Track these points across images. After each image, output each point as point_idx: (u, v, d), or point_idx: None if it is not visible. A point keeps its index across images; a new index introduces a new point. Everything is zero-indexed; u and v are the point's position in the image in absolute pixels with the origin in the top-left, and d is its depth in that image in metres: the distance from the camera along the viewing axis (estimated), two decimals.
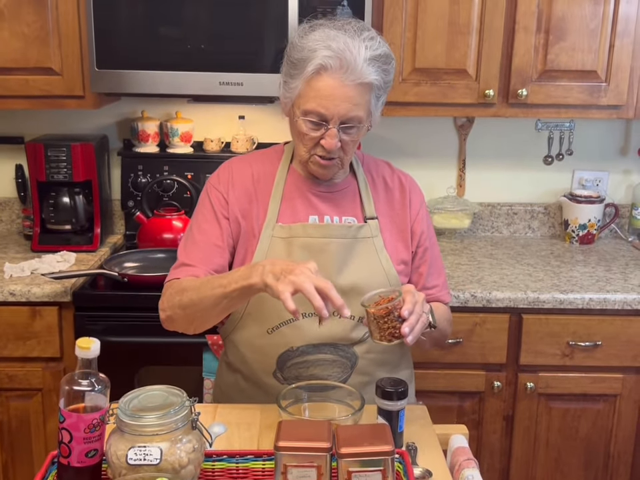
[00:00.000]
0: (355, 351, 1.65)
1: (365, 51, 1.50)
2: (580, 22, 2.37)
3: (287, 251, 1.62)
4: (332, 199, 1.68)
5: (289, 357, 1.63)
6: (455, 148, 2.86)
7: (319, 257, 1.59)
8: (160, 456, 1.15)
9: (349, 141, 1.57)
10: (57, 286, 2.23)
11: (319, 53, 1.49)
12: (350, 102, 1.51)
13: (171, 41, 2.34)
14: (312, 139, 1.57)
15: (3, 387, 2.28)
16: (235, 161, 1.74)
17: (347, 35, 1.50)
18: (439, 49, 2.38)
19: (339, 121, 1.53)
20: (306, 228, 1.64)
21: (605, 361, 2.30)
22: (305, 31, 1.56)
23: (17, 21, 2.33)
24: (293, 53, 1.55)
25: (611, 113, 2.49)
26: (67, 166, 2.52)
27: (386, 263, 1.66)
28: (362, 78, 1.50)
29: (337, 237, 1.63)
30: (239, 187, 1.67)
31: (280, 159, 1.71)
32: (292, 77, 1.55)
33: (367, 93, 1.54)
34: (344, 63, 1.49)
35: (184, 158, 2.73)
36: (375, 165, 1.77)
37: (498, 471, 2.40)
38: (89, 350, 1.17)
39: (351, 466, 1.19)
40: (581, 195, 2.79)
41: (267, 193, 1.67)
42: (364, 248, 1.65)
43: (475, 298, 2.25)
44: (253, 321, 1.65)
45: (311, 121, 1.54)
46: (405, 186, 1.75)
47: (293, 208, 1.66)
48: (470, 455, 1.42)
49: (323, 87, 1.51)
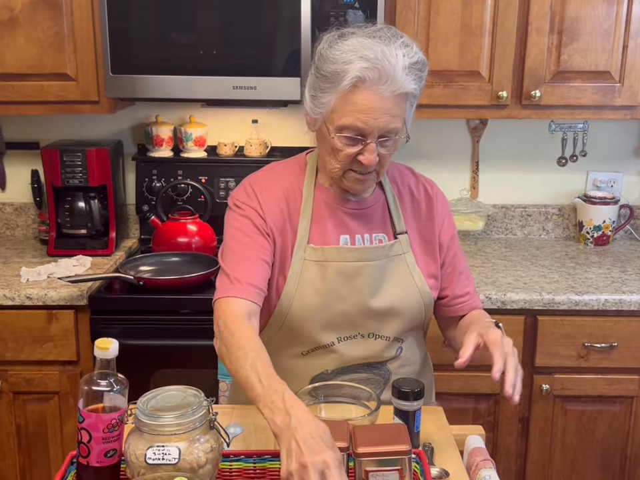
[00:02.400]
0: (388, 368, 1.64)
1: (403, 58, 1.40)
2: (593, 22, 2.37)
3: (321, 275, 1.56)
4: (362, 216, 1.61)
5: (323, 378, 1.60)
6: (468, 150, 2.86)
7: (353, 281, 1.56)
8: (178, 455, 1.16)
9: (386, 154, 1.49)
10: (73, 289, 2.24)
11: (355, 65, 1.39)
12: (389, 114, 1.42)
13: (185, 45, 2.36)
14: (348, 155, 1.47)
15: (20, 390, 2.30)
16: (259, 177, 1.62)
17: (382, 43, 1.40)
18: (451, 50, 2.38)
19: (378, 134, 1.44)
20: (340, 252, 1.56)
21: (621, 363, 2.29)
22: (334, 41, 1.44)
23: (33, 27, 2.35)
24: (324, 66, 1.43)
25: (625, 114, 2.48)
26: (82, 171, 2.54)
27: (419, 279, 1.61)
28: (401, 88, 1.41)
29: (371, 259, 1.57)
30: (270, 203, 1.56)
31: (304, 172, 1.62)
32: (323, 90, 1.44)
33: (404, 103, 1.45)
34: (383, 74, 1.38)
35: (198, 162, 2.75)
36: (400, 173, 1.69)
37: (514, 473, 2.40)
38: (107, 350, 1.18)
39: (368, 465, 1.19)
40: (596, 196, 2.78)
41: (296, 210, 1.58)
42: (397, 266, 1.60)
43: (489, 300, 2.24)
44: (283, 344, 1.60)
45: (348, 137, 1.45)
46: (432, 196, 1.68)
47: (323, 227, 1.58)
48: (487, 456, 1.41)
49: (360, 101, 1.41)
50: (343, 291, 1.56)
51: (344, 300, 1.56)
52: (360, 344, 1.59)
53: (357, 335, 1.59)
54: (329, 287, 1.55)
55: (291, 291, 1.55)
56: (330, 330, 1.57)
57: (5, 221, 2.87)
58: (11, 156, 2.82)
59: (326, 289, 1.55)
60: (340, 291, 1.56)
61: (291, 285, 1.55)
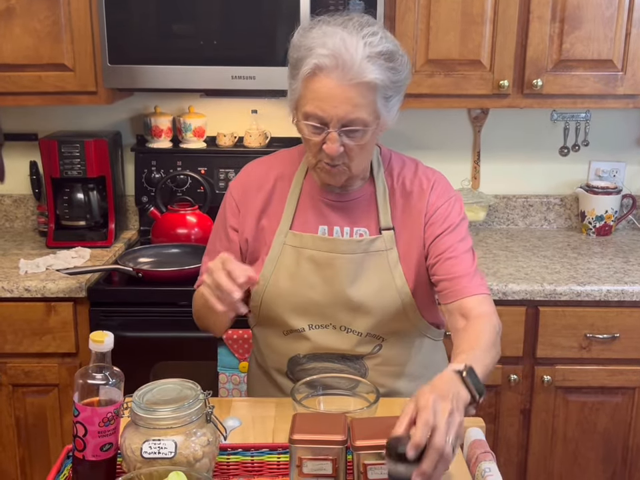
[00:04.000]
0: (364, 363, 1.62)
1: (364, 47, 1.39)
2: (595, 10, 2.34)
3: (296, 261, 1.58)
4: (344, 209, 1.60)
5: (297, 362, 1.63)
6: (469, 140, 2.84)
7: (325, 271, 1.57)
8: (174, 449, 1.15)
9: (354, 146, 1.46)
10: (72, 281, 2.23)
11: (314, 52, 1.40)
12: (349, 103, 1.41)
13: (183, 35, 2.35)
14: (315, 144, 1.47)
15: (20, 382, 2.30)
16: (255, 165, 1.69)
17: (345, 32, 1.40)
18: (452, 39, 2.36)
19: (339, 124, 1.43)
20: (314, 240, 1.58)
21: (623, 354, 2.28)
22: (304, 29, 1.47)
23: (29, 17, 2.33)
24: (292, 53, 1.47)
25: (627, 103, 2.46)
26: (80, 162, 2.52)
27: (399, 279, 1.56)
28: (361, 77, 1.39)
29: (343, 252, 1.56)
30: (253, 193, 1.63)
31: (301, 161, 1.64)
32: (293, 77, 1.47)
33: (371, 94, 1.42)
34: (340, 62, 1.38)
35: (197, 153, 2.73)
36: (401, 166, 1.63)
37: (515, 464, 2.39)
38: (102, 343, 1.17)
39: (366, 459, 1.18)
40: (598, 186, 2.76)
41: (282, 198, 1.62)
42: (376, 262, 1.57)
43: (491, 291, 2.22)
44: (268, 323, 1.65)
45: (312, 125, 1.45)
46: (425, 189, 1.59)
47: (305, 216, 1.61)
48: (487, 448, 1.40)
49: (319, 88, 1.41)
50: (314, 279, 1.58)
51: (314, 288, 1.58)
52: (331, 334, 1.60)
53: (328, 325, 1.60)
54: (301, 273, 1.58)
55: (268, 273, 1.59)
56: (300, 316, 1.59)
57: (4, 213, 2.86)
58: (9, 147, 2.80)
59: (298, 274, 1.59)
60: (311, 279, 1.58)
61: (268, 267, 1.59)
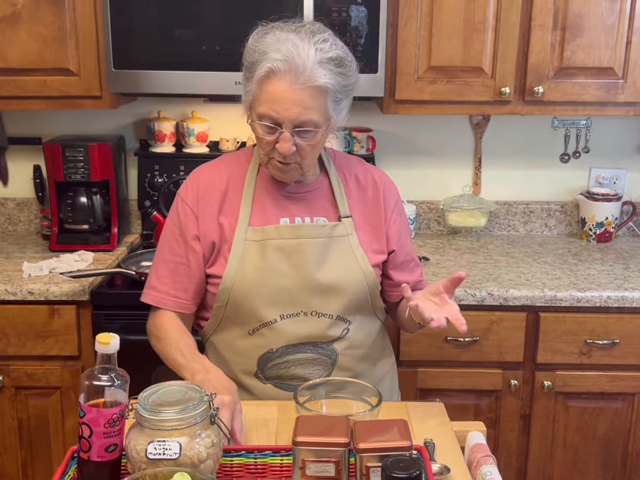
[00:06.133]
0: (334, 348, 1.66)
1: (315, 53, 1.48)
2: (596, 18, 2.36)
3: (261, 253, 1.63)
4: (303, 199, 1.68)
5: (270, 358, 1.65)
6: (470, 146, 2.85)
7: (294, 257, 1.62)
8: (179, 450, 1.16)
9: (306, 146, 1.56)
10: (75, 285, 2.24)
11: (268, 56, 1.49)
12: (301, 105, 1.50)
13: (187, 41, 2.35)
14: (268, 142, 1.56)
15: (22, 385, 2.30)
16: (202, 169, 1.74)
17: (297, 38, 1.50)
18: (454, 46, 2.37)
19: (292, 124, 1.52)
20: (279, 230, 1.64)
21: (623, 359, 2.28)
22: (259, 34, 1.56)
23: (35, 22, 2.34)
24: (247, 56, 1.56)
25: (628, 110, 2.47)
26: (84, 166, 2.54)
27: (362, 260, 1.66)
28: (312, 81, 1.49)
29: (310, 237, 1.64)
30: (207, 196, 1.67)
31: (249, 161, 1.71)
32: (247, 80, 1.56)
33: (322, 97, 1.52)
34: (292, 66, 1.48)
35: (200, 158, 2.73)
36: (347, 162, 1.76)
37: (515, 469, 2.39)
38: (108, 345, 1.18)
39: (369, 461, 1.19)
40: (598, 193, 2.77)
41: (237, 196, 1.67)
42: (340, 246, 1.66)
43: (491, 296, 2.24)
44: (232, 324, 1.67)
45: (266, 125, 1.53)
46: (379, 184, 1.74)
47: (263, 210, 1.67)
48: (488, 452, 1.41)
49: (273, 91, 1.50)
50: (283, 268, 1.62)
51: (285, 276, 1.61)
52: (303, 322, 1.63)
53: (299, 312, 1.63)
54: (269, 263, 1.62)
55: (233, 270, 1.62)
56: (271, 306, 1.62)
57: (7, 216, 2.88)
58: (13, 151, 2.82)
59: (266, 265, 1.62)
60: (280, 267, 1.62)
61: (232, 264, 1.62)
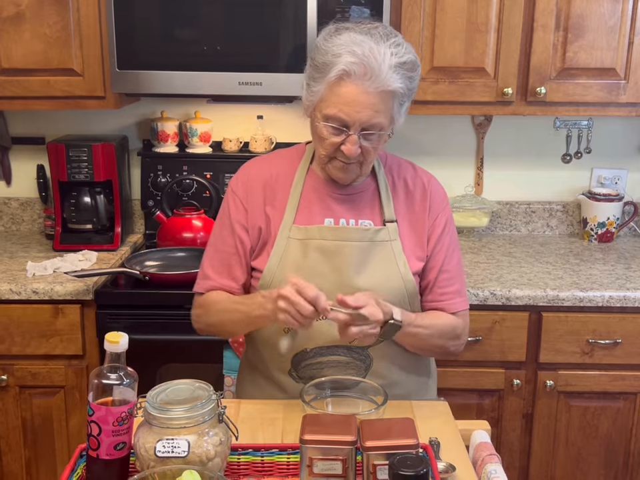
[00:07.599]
0: (369, 354, 1.65)
1: (390, 57, 1.47)
2: (599, 19, 2.37)
3: (303, 252, 1.62)
4: (349, 202, 1.67)
5: (303, 357, 1.64)
6: (472, 146, 2.86)
7: (334, 259, 1.60)
8: (187, 448, 1.17)
9: (370, 148, 1.55)
10: (79, 284, 2.25)
11: (342, 59, 1.47)
12: (372, 109, 1.49)
13: (191, 41, 2.36)
14: (332, 143, 1.55)
15: (26, 384, 2.31)
16: (254, 162, 1.75)
17: (372, 41, 1.47)
18: (457, 47, 2.38)
19: (360, 127, 1.51)
20: (321, 230, 1.63)
21: (625, 359, 2.29)
22: (330, 34, 1.53)
23: (39, 23, 2.35)
24: (317, 56, 1.53)
25: (630, 111, 2.48)
26: (88, 166, 2.54)
27: (403, 267, 1.63)
28: (386, 85, 1.48)
29: (352, 240, 1.62)
30: (257, 189, 1.67)
31: (301, 159, 1.70)
32: (315, 80, 1.53)
33: (390, 100, 1.51)
34: (368, 70, 1.46)
35: (203, 158, 2.75)
36: (398, 165, 1.74)
37: (517, 469, 2.40)
38: (117, 344, 1.19)
39: (375, 459, 1.20)
40: (600, 193, 2.78)
41: (285, 193, 1.67)
42: (382, 251, 1.63)
43: (494, 296, 2.25)
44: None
45: (332, 127, 1.52)
46: (427, 189, 1.71)
47: (309, 210, 1.65)
48: (492, 450, 1.42)
49: (345, 93, 1.48)
50: (323, 269, 1.61)
51: (323, 277, 1.60)
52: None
53: None
54: (309, 263, 1.61)
55: (273, 267, 1.62)
56: None
57: (11, 216, 2.88)
58: (17, 151, 2.83)
59: (306, 264, 1.61)
60: (320, 268, 1.61)
61: (273, 261, 1.63)
